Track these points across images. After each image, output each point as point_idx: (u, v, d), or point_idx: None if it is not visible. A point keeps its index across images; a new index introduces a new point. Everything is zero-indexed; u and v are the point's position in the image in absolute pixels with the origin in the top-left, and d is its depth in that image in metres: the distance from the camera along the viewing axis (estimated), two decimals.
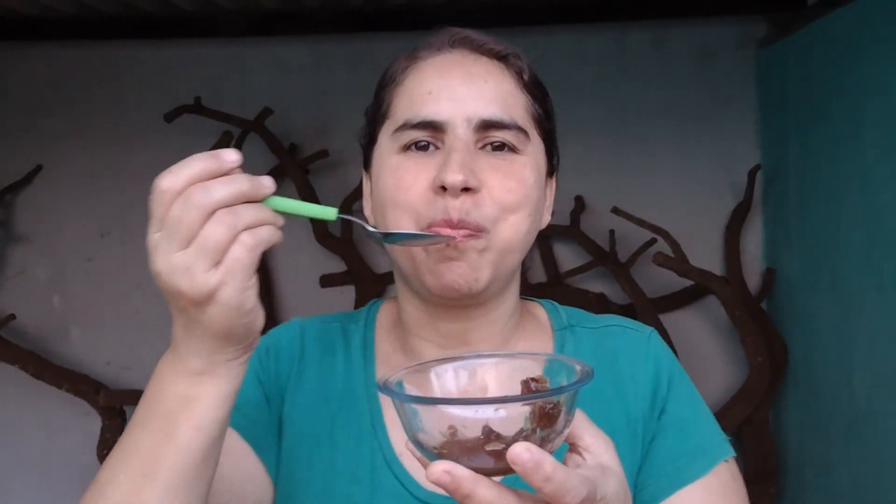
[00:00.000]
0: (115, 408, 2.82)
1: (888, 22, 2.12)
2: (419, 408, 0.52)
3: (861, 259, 2.30)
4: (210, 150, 2.41)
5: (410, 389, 0.57)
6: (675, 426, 0.81)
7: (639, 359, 0.85)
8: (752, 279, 2.98)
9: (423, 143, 0.77)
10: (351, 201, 2.79)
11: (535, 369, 0.58)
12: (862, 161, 2.28)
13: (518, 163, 0.78)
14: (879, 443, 2.21)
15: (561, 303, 0.94)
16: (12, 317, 2.91)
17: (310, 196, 2.87)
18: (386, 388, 0.54)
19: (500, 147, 0.78)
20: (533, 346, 0.87)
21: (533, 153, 0.81)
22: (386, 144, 0.80)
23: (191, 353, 0.62)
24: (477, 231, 0.75)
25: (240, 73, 3.07)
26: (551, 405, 0.51)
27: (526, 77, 0.84)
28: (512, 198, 0.76)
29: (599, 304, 2.95)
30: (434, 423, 0.51)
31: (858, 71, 2.29)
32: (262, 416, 0.81)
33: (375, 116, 0.82)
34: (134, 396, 2.80)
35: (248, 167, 2.61)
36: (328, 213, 0.63)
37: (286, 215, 0.62)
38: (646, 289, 2.88)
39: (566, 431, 0.54)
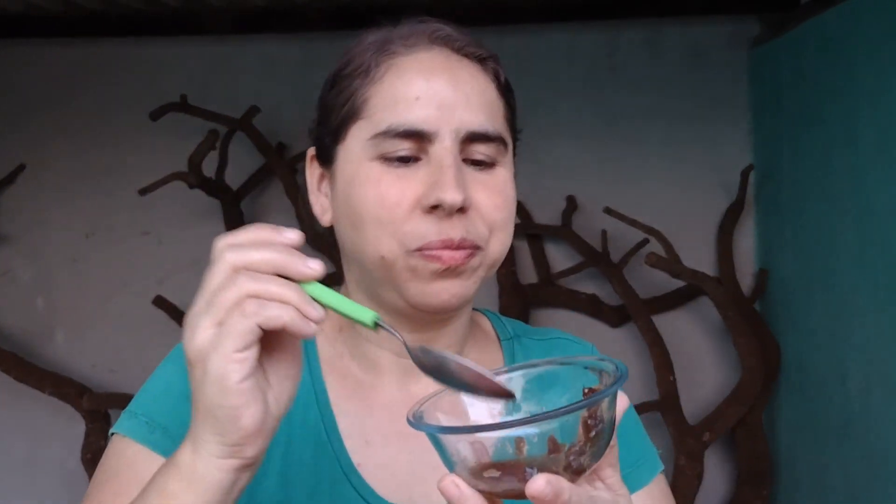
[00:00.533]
0: (99, 411, 2.78)
1: (881, 21, 2.11)
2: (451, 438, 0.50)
3: (854, 260, 2.28)
4: (195, 149, 2.36)
5: (446, 419, 0.54)
6: (619, 438, 0.81)
7: None
8: (745, 280, 2.96)
9: (404, 155, 0.72)
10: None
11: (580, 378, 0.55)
12: (855, 161, 2.26)
13: (499, 176, 0.75)
14: (873, 445, 2.19)
15: (554, 304, 0.92)
16: None
17: (296, 194, 2.84)
18: (426, 425, 0.52)
19: (481, 162, 0.74)
20: (483, 356, 0.84)
21: (508, 163, 0.78)
22: (360, 147, 0.74)
23: (190, 438, 0.58)
24: (475, 249, 0.72)
25: (227, 70, 3.04)
26: (594, 420, 0.50)
27: (502, 80, 0.79)
28: (499, 215, 0.74)
29: (591, 305, 2.93)
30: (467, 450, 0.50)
31: (851, 71, 2.27)
32: (177, 425, 0.75)
33: (341, 110, 0.76)
34: (118, 399, 2.76)
35: (234, 166, 2.57)
36: (366, 316, 0.57)
37: (325, 306, 0.57)
38: (638, 289, 2.85)
39: (607, 449, 0.53)
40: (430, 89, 0.72)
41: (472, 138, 0.72)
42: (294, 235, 0.56)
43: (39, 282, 3.11)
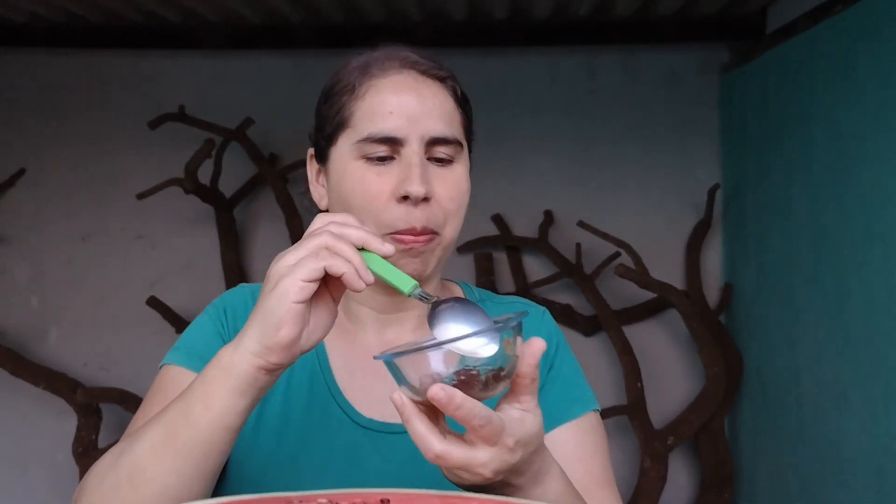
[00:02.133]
0: (91, 406, 2.88)
1: (837, 51, 2.27)
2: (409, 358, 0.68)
3: (809, 274, 2.43)
4: (192, 157, 2.52)
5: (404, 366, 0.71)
6: (559, 380, 1.00)
7: (535, 328, 1.03)
8: (712, 294, 3.11)
9: (381, 156, 0.91)
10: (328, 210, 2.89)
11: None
12: (811, 182, 2.42)
13: (456, 173, 0.94)
14: (824, 448, 2.33)
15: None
16: None
17: (287, 203, 2.97)
18: (386, 356, 0.69)
19: (442, 160, 0.93)
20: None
21: (464, 160, 0.96)
22: (348, 149, 0.93)
23: (244, 334, 0.74)
24: (432, 234, 0.91)
25: (222, 83, 3.17)
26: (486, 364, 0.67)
27: (459, 94, 0.97)
28: (454, 206, 0.93)
29: (565, 315, 3.06)
30: (420, 370, 0.68)
31: (809, 97, 2.43)
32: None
33: (333, 120, 0.95)
34: (111, 394, 2.86)
35: (229, 174, 2.73)
36: (407, 286, 0.74)
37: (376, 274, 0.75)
38: (610, 301, 2.99)
39: (510, 372, 0.69)
40: (401, 104, 0.91)
41: (434, 142, 0.91)
42: (391, 248, 0.75)
43: (35, 282, 3.22)
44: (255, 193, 3.17)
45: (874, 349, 2.07)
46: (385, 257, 0.75)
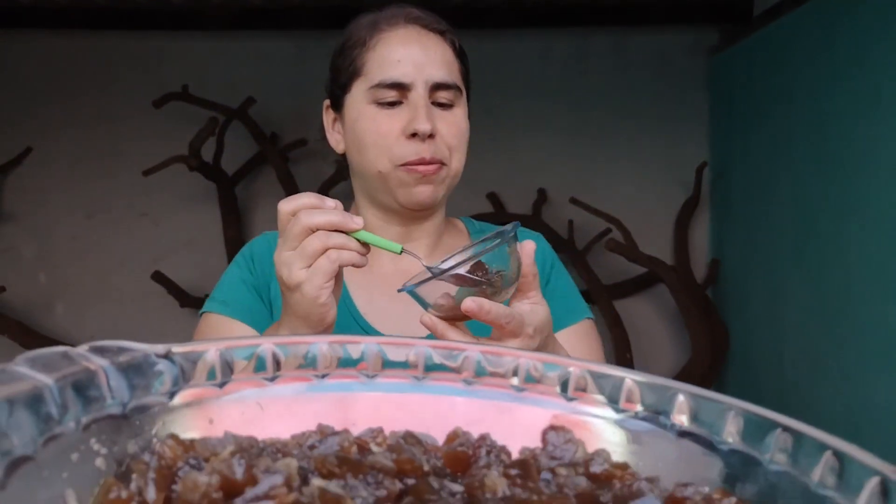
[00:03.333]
0: None
1: (816, 33, 2.36)
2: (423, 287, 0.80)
3: (790, 248, 2.53)
4: (196, 135, 2.63)
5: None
6: (556, 293, 1.11)
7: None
8: (699, 269, 3.21)
9: (391, 101, 1.01)
10: (328, 187, 2.97)
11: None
12: (793, 160, 2.51)
13: (456, 114, 1.05)
14: (804, 416, 2.42)
15: None
16: (2, 289, 3.04)
17: (288, 181, 3.06)
18: (409, 286, 0.81)
19: (443, 104, 1.04)
20: (454, 241, 1.16)
21: (463, 104, 1.07)
22: (361, 96, 1.04)
23: (284, 325, 0.85)
24: (441, 164, 1.03)
25: (225, 64, 3.24)
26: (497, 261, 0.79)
27: (457, 47, 1.09)
28: (456, 141, 1.04)
29: None
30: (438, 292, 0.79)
31: (791, 77, 2.52)
32: (256, 305, 1.07)
33: (348, 71, 1.06)
34: None
35: (231, 153, 2.83)
36: (394, 247, 0.84)
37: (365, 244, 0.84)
38: (601, 276, 3.09)
39: (515, 280, 0.80)
40: (408, 54, 1.02)
41: (437, 87, 1.02)
42: (333, 203, 0.82)
43: (42, 258, 3.30)
44: (256, 171, 3.25)
45: (850, 318, 2.18)
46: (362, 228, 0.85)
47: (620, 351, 2.95)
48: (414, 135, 1.00)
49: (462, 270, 0.77)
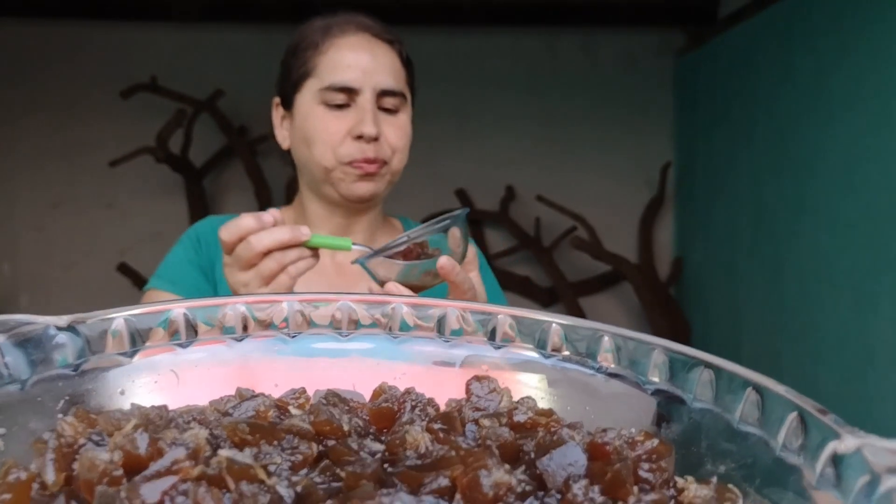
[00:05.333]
0: None
1: (775, 37, 2.41)
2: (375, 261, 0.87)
3: (749, 246, 2.58)
4: (164, 126, 2.61)
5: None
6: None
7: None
8: (663, 267, 3.25)
9: (339, 103, 1.07)
10: (296, 181, 2.97)
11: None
12: (751, 158, 2.56)
13: (400, 119, 1.11)
14: None
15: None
16: None
17: (256, 174, 3.05)
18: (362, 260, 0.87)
19: (388, 110, 1.10)
20: (391, 237, 1.20)
21: (407, 110, 1.13)
22: (311, 96, 1.09)
23: None
24: (383, 163, 1.10)
25: (194, 55, 3.22)
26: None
27: (404, 56, 1.14)
28: (399, 143, 1.11)
29: (524, 286, 3.19)
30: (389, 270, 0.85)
31: (752, 79, 2.57)
32: (201, 285, 1.11)
33: (299, 71, 1.11)
34: None
35: (199, 145, 2.81)
36: (345, 244, 0.89)
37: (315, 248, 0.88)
38: (567, 274, 3.13)
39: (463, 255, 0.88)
40: (358, 60, 1.08)
41: (384, 93, 1.08)
42: (270, 218, 0.85)
43: (5, 248, 3.26)
44: (224, 164, 3.24)
45: (805, 314, 2.23)
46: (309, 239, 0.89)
47: None
48: (360, 137, 1.06)
49: (404, 242, 0.84)
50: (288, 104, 1.13)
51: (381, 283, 0.86)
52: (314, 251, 0.87)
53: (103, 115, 3.19)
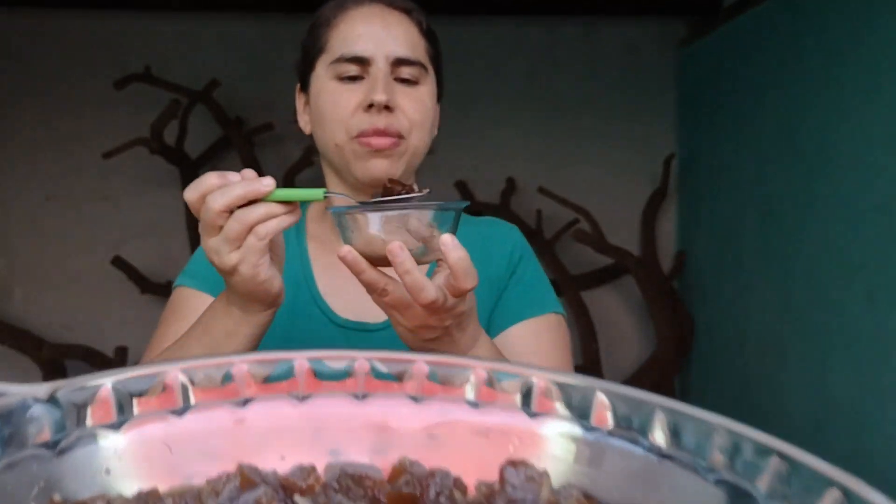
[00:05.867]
0: (56, 363, 2.91)
1: (784, 26, 2.36)
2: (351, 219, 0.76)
3: (755, 240, 2.54)
4: (158, 117, 2.53)
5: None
6: (521, 283, 1.10)
7: (502, 239, 1.14)
8: (666, 260, 3.21)
9: (352, 75, 1.00)
10: (294, 173, 2.93)
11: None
12: (758, 150, 2.52)
13: (420, 91, 1.03)
14: (767, 403, 2.46)
15: None
16: None
17: (253, 166, 2.97)
18: (338, 209, 0.77)
19: (407, 80, 1.02)
20: None
21: (430, 83, 1.05)
22: (323, 73, 1.03)
23: (234, 304, 0.84)
24: (398, 137, 1.00)
25: (189, 45, 3.17)
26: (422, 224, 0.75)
27: (424, 26, 1.07)
28: (418, 116, 1.02)
29: None
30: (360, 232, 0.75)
31: (758, 70, 2.52)
32: (220, 280, 1.03)
33: (313, 49, 1.06)
34: (76, 351, 2.90)
35: (195, 136, 2.75)
36: (316, 194, 0.78)
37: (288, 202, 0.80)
38: (569, 267, 3.08)
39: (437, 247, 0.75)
40: (369, 30, 1.01)
41: (399, 62, 1.01)
42: (237, 175, 0.77)
43: None
44: (220, 156, 3.19)
45: (813, 310, 2.19)
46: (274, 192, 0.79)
47: (587, 341, 2.95)
48: (371, 106, 0.98)
49: (395, 209, 0.75)
50: (305, 86, 1.08)
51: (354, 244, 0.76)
52: (290, 206, 0.78)
53: (97, 107, 3.13)
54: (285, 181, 2.97)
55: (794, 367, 2.28)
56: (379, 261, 0.75)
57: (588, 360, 2.94)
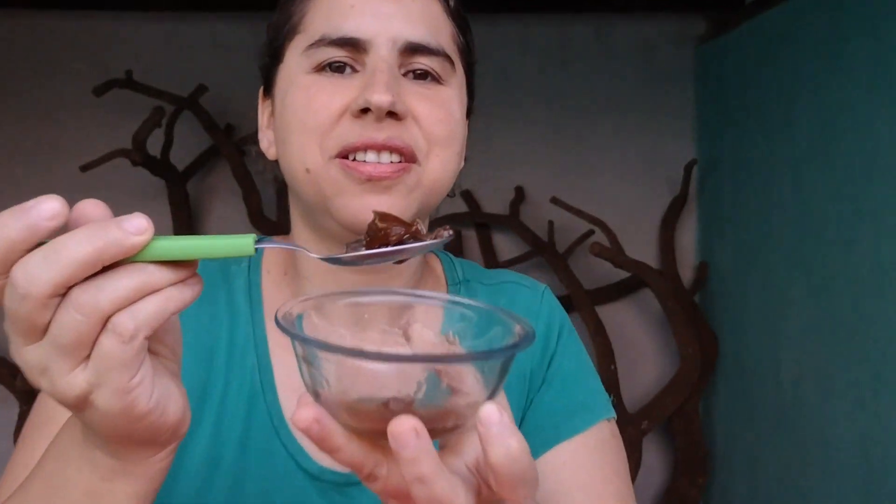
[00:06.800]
0: (33, 392, 2.70)
1: (821, 20, 2.17)
2: (328, 356, 0.41)
3: (791, 253, 2.34)
4: (140, 126, 2.28)
5: (317, 326, 0.46)
6: (560, 379, 0.81)
7: (532, 314, 0.84)
8: (686, 272, 3.02)
9: (339, 64, 0.68)
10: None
11: (468, 318, 0.49)
12: (793, 157, 2.32)
13: (445, 94, 0.71)
14: (806, 434, 2.26)
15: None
16: None
17: (244, 177, 2.80)
18: (287, 326, 0.43)
19: (424, 76, 0.70)
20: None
21: (457, 85, 0.74)
22: (296, 62, 0.71)
23: (97, 447, 0.49)
24: (409, 157, 0.67)
25: (174, 47, 2.98)
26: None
27: (451, 5, 0.77)
28: (442, 130, 0.69)
29: None
30: (344, 376, 0.41)
31: (792, 68, 2.33)
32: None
33: (282, 31, 0.73)
34: None
35: (182, 146, 2.53)
36: (242, 243, 0.46)
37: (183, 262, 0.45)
38: (583, 280, 2.89)
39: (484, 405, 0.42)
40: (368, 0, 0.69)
41: (413, 49, 0.69)
42: (57, 204, 0.43)
43: None
44: (209, 166, 2.99)
45: (862, 333, 1.99)
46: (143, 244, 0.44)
47: (604, 363, 2.74)
48: (365, 112, 0.65)
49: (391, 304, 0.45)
50: (270, 86, 0.76)
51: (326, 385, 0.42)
52: (185, 269, 0.44)
53: (76, 115, 2.94)
54: (278, 195, 2.77)
55: (842, 399, 2.08)
56: (368, 418, 0.42)
57: (606, 382, 2.73)
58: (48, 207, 0.42)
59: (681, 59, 3.05)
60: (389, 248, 0.49)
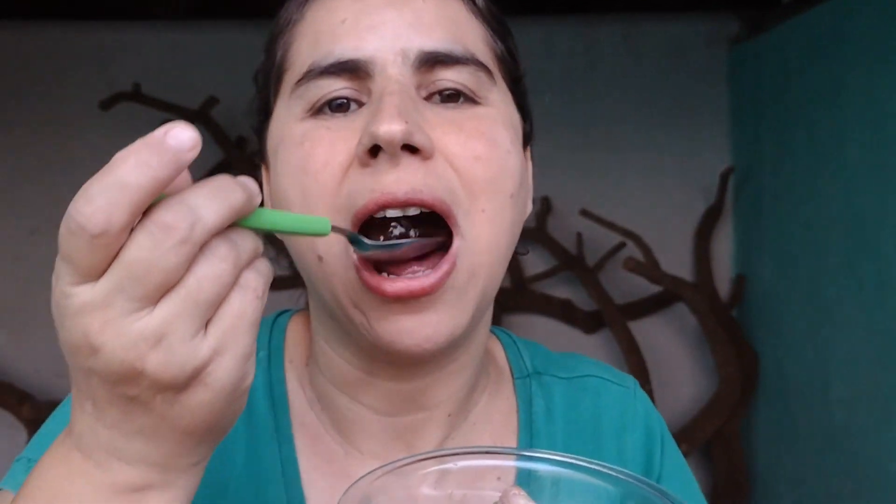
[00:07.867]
0: (41, 421, 2.60)
1: (870, 20, 2.03)
2: None
3: (840, 264, 2.20)
4: None
5: None
6: None
7: (627, 422, 0.68)
8: (722, 286, 2.87)
9: (339, 101, 0.53)
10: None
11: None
12: (844, 164, 2.18)
13: (483, 116, 0.54)
14: (858, 458, 2.11)
15: (527, 310, 0.75)
16: None
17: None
18: None
19: (455, 97, 0.54)
20: (495, 403, 0.66)
21: (498, 100, 0.58)
22: (286, 110, 0.56)
23: (128, 462, 0.41)
24: (443, 211, 0.50)
25: (183, 58, 2.90)
26: None
27: (479, 2, 0.61)
28: (484, 170, 0.52)
29: (565, 311, 2.82)
30: None
31: (840, 71, 2.19)
32: None
33: (269, 77, 0.59)
34: None
35: (192, 163, 2.36)
36: (321, 225, 0.44)
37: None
38: (613, 295, 2.75)
39: None
40: (362, 8, 0.54)
41: (431, 61, 0.53)
42: (192, 132, 0.38)
43: None
44: None
45: None
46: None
47: (639, 382, 2.60)
48: (376, 152, 0.50)
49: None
50: (263, 148, 0.62)
51: None
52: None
53: (82, 130, 2.85)
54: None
55: None
56: None
57: None
58: (187, 137, 0.38)
59: (714, 62, 2.92)
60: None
